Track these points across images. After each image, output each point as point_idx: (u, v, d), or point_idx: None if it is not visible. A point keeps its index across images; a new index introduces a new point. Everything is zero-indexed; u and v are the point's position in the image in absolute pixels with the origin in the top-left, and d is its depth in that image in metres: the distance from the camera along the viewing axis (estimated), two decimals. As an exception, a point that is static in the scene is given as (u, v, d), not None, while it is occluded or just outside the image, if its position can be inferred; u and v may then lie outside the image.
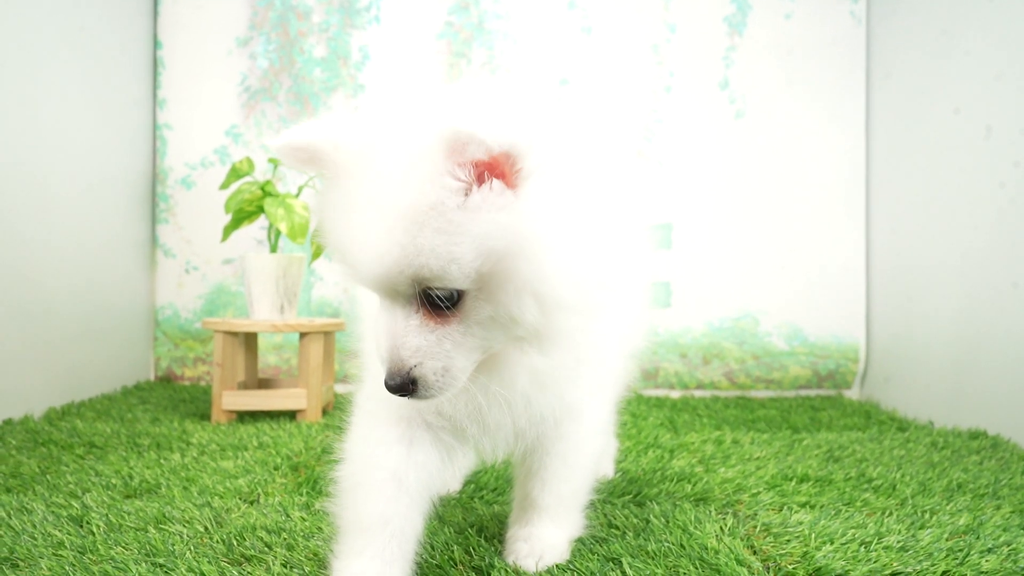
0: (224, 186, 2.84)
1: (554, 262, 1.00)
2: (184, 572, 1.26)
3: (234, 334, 2.68)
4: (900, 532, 1.50)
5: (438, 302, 1.00)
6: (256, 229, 3.39)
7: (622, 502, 1.71)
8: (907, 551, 1.40)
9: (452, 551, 1.35)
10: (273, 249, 2.85)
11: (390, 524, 1.17)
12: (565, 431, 1.31)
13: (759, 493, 1.79)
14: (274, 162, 2.89)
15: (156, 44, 3.47)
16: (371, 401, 1.25)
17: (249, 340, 2.85)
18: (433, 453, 1.23)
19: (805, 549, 1.40)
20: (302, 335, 2.71)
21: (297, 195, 2.79)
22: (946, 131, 2.85)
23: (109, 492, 1.73)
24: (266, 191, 2.75)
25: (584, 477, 1.41)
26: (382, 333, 1.05)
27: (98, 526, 1.48)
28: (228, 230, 2.80)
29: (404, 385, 1.03)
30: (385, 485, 1.19)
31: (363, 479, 1.21)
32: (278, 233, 2.81)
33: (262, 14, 3.47)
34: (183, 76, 3.49)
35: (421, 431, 1.22)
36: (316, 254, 2.89)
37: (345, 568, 1.17)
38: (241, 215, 2.77)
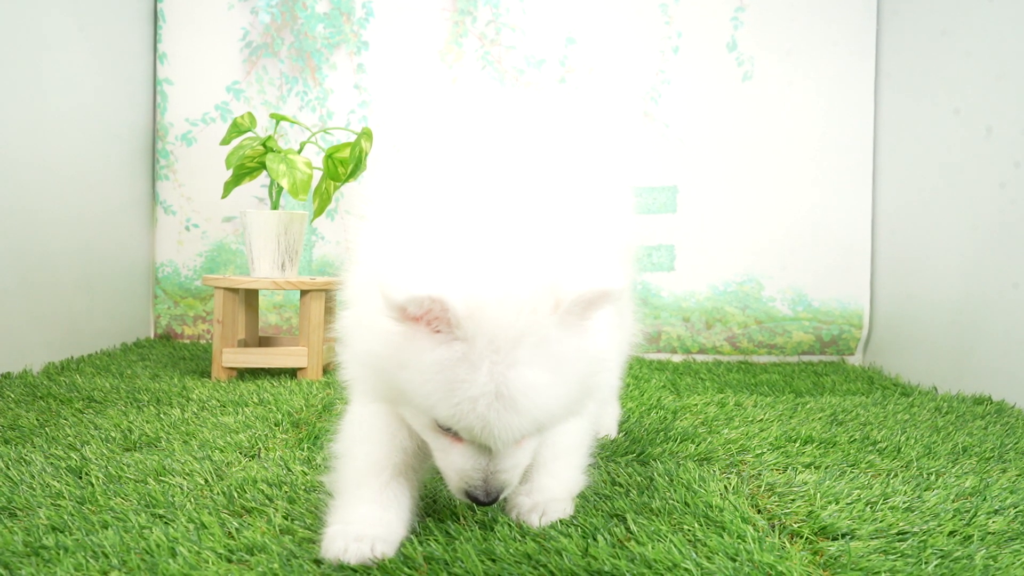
0: (225, 142, 2.81)
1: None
2: (184, 523, 1.25)
3: (234, 291, 2.65)
4: (906, 493, 1.49)
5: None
6: (257, 187, 3.35)
7: (626, 460, 1.69)
8: (913, 511, 1.39)
9: (455, 507, 1.34)
10: (274, 206, 2.82)
11: (385, 471, 1.22)
12: None
13: (763, 454, 1.78)
14: (276, 117, 2.85)
15: (156, -3, 3.42)
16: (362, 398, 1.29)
17: (250, 297, 2.83)
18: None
19: (810, 508, 1.39)
20: (303, 293, 2.69)
21: (299, 151, 2.76)
22: (948, 128, 2.81)
23: (108, 445, 1.72)
24: (268, 147, 2.72)
25: (585, 434, 1.40)
26: (472, 467, 1.13)
27: (97, 477, 1.47)
28: (229, 186, 2.77)
29: (491, 504, 1.16)
30: (381, 440, 1.25)
31: (361, 434, 1.26)
32: (280, 190, 2.78)
33: (264, -32, 3.42)
34: (184, 30, 3.44)
35: None
36: (318, 211, 2.86)
37: (343, 511, 1.20)
38: (242, 171, 2.74)
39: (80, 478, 1.48)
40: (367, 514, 1.18)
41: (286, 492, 1.40)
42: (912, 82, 3.14)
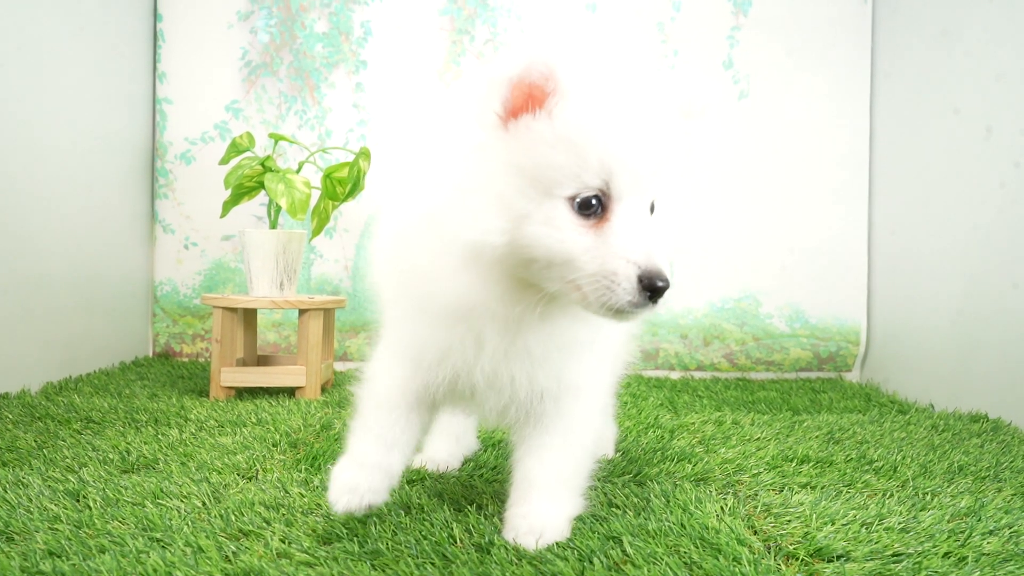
0: (224, 161, 2.82)
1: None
2: (181, 546, 1.25)
3: (233, 310, 2.66)
4: (901, 513, 1.50)
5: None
6: (256, 205, 3.36)
7: (622, 481, 1.70)
8: (908, 532, 1.39)
9: (452, 528, 1.35)
10: (273, 225, 2.83)
11: (397, 408, 1.34)
12: (565, 408, 1.34)
13: (759, 474, 1.79)
14: (275, 137, 2.86)
15: (156, 16, 3.44)
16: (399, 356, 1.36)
17: (248, 317, 2.84)
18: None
19: (806, 529, 1.39)
20: (301, 312, 2.70)
21: (298, 171, 2.77)
22: (946, 128, 2.83)
23: (106, 467, 1.72)
24: (266, 166, 2.73)
25: (584, 456, 1.40)
26: (636, 236, 1.10)
27: (95, 500, 1.47)
28: (228, 206, 2.79)
29: (664, 289, 1.08)
30: (395, 390, 1.35)
31: (376, 402, 1.36)
32: (278, 209, 2.79)
33: (263, -12, 3.44)
34: (183, 49, 3.46)
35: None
36: (316, 231, 2.87)
37: (354, 445, 1.34)
38: (241, 190, 2.75)
39: (78, 501, 1.48)
40: (372, 452, 1.32)
41: (283, 515, 1.41)
42: (911, 82, 3.15)
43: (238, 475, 1.69)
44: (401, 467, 1.35)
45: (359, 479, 1.29)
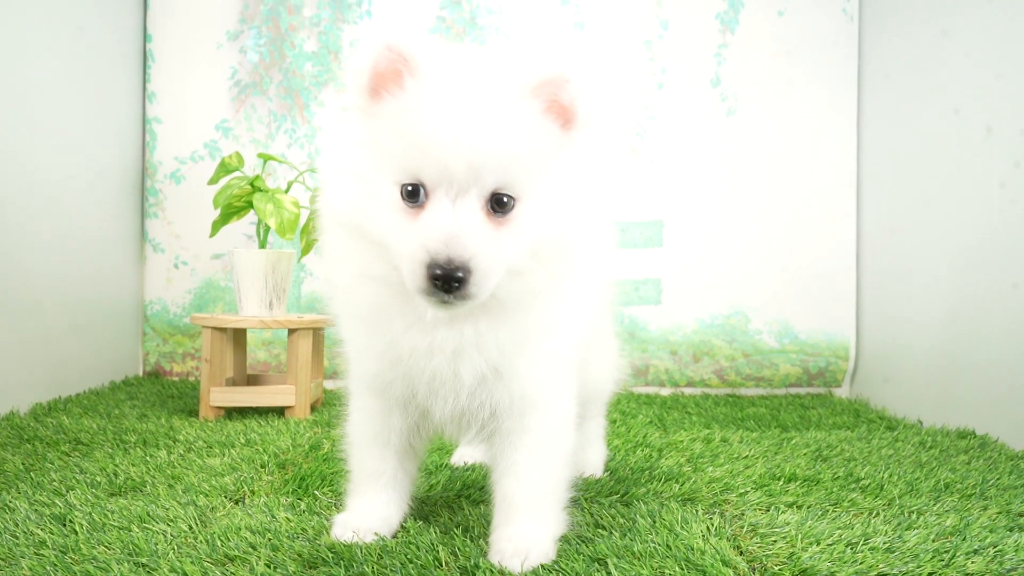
0: (213, 181, 2.83)
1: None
2: (166, 572, 1.25)
3: (223, 330, 2.66)
4: (887, 533, 1.50)
5: (501, 202, 1.17)
6: (246, 224, 3.37)
7: (609, 501, 1.70)
8: (893, 552, 1.40)
9: (438, 551, 1.35)
10: (262, 245, 2.84)
11: (384, 475, 1.47)
12: (529, 423, 1.36)
13: (747, 493, 1.79)
14: (264, 157, 2.87)
15: (146, 37, 3.45)
16: (358, 381, 1.46)
17: (238, 336, 2.84)
18: (407, 419, 1.44)
19: (792, 550, 1.40)
20: (291, 331, 2.70)
21: (287, 191, 2.78)
22: (945, 131, 2.84)
23: (93, 490, 1.72)
24: (255, 186, 2.74)
25: (558, 470, 1.41)
26: (433, 225, 1.14)
27: (81, 525, 1.47)
28: (217, 225, 2.79)
29: (452, 275, 1.11)
30: (374, 445, 1.46)
31: (358, 440, 1.48)
32: (267, 229, 2.79)
33: (253, 7, 3.45)
34: (173, 69, 3.47)
35: (394, 403, 1.42)
36: (305, 250, 2.88)
37: (354, 504, 1.48)
38: (230, 210, 2.75)
39: (64, 525, 1.48)
40: (370, 508, 1.45)
41: (269, 539, 1.40)
42: (905, 89, 3.17)
43: (225, 498, 1.69)
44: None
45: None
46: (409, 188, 1.17)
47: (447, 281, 1.11)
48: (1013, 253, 2.46)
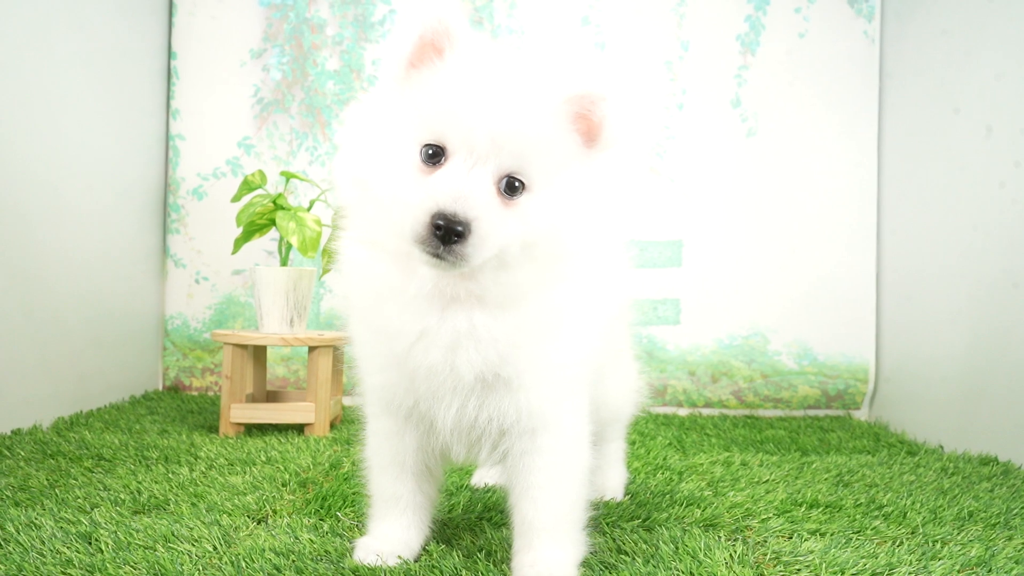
0: (236, 199, 2.85)
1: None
2: (192, 594, 1.26)
3: (243, 347, 2.68)
4: (911, 563, 1.49)
5: (512, 186, 1.21)
6: (267, 240, 3.39)
7: (631, 527, 1.70)
8: (919, 583, 1.39)
9: (459, 574, 1.35)
10: (284, 262, 2.85)
11: (402, 499, 1.48)
12: (542, 444, 1.36)
13: (768, 519, 1.78)
14: (287, 175, 2.89)
15: (170, 54, 3.49)
16: (371, 399, 1.49)
17: (258, 353, 2.85)
18: (419, 437, 1.45)
19: (816, 580, 1.39)
20: (311, 349, 2.71)
21: (308, 209, 2.80)
22: (971, 154, 2.83)
23: (118, 508, 1.73)
24: (278, 204, 2.76)
25: (575, 492, 1.41)
26: (446, 181, 1.18)
27: (107, 543, 1.48)
28: (239, 243, 2.81)
29: (453, 227, 1.14)
30: (391, 468, 1.48)
31: (375, 464, 1.51)
32: (289, 246, 2.81)
33: (276, 26, 3.49)
34: (196, 87, 3.50)
35: (404, 420, 1.44)
36: (327, 268, 2.89)
37: (375, 528, 1.50)
38: (252, 228, 2.77)
39: (90, 544, 1.49)
40: (390, 532, 1.47)
41: (293, 561, 1.41)
42: (931, 105, 3.14)
43: (248, 517, 1.70)
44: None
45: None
46: (430, 150, 1.22)
47: (448, 232, 1.14)
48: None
